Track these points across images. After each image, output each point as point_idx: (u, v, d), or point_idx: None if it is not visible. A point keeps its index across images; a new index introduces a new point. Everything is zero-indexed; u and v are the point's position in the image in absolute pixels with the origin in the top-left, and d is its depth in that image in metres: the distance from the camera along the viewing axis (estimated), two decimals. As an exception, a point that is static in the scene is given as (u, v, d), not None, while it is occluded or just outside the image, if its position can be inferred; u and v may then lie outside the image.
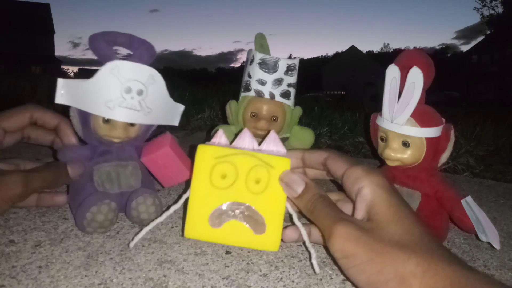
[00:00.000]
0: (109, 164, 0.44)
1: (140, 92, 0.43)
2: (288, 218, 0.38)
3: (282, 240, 0.38)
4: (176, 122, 0.50)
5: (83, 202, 0.40)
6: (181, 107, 0.49)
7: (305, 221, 0.43)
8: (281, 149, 0.38)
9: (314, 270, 0.35)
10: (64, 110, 0.45)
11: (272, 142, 0.38)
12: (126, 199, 0.44)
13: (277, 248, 0.36)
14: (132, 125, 0.44)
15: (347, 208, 0.36)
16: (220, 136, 0.38)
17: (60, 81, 0.42)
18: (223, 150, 0.37)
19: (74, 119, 0.44)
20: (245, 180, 0.36)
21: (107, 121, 0.43)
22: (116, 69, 0.41)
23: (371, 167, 0.34)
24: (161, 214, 0.37)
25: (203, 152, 0.37)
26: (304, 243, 0.36)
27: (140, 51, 0.44)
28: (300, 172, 0.39)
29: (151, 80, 0.43)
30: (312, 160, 0.38)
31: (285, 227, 0.37)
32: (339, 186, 0.36)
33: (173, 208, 0.37)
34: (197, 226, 0.36)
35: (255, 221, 0.36)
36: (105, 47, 0.42)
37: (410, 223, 0.29)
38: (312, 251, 0.35)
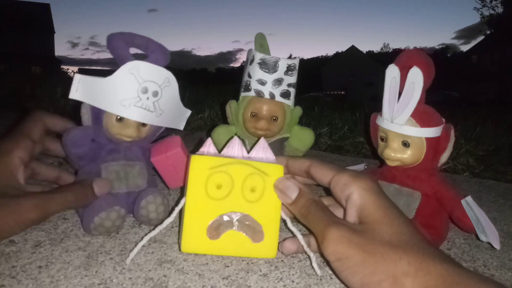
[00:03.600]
0: (117, 163, 0.45)
1: (155, 94, 0.43)
2: (283, 224, 0.38)
3: (281, 252, 0.38)
4: (181, 126, 0.50)
5: (93, 204, 0.40)
6: (187, 112, 0.50)
7: (300, 227, 0.43)
8: (270, 156, 0.38)
9: (316, 273, 0.35)
10: (75, 108, 0.45)
11: (262, 150, 0.38)
12: (132, 200, 0.44)
13: (275, 254, 0.37)
14: (144, 125, 0.45)
15: (338, 213, 0.36)
16: (209, 145, 0.38)
17: (77, 77, 0.42)
18: (217, 160, 0.36)
19: (85, 116, 0.44)
20: (241, 189, 0.36)
21: (120, 120, 0.43)
22: (135, 69, 0.42)
23: (357, 172, 0.34)
24: (154, 228, 0.37)
25: (197, 162, 0.36)
26: (303, 247, 0.36)
27: (156, 54, 0.44)
28: (289, 177, 0.40)
29: (167, 83, 0.44)
30: (296, 168, 0.38)
31: (283, 240, 0.38)
32: (327, 191, 0.36)
33: (166, 222, 0.36)
34: (195, 240, 0.36)
35: (253, 230, 0.36)
36: (122, 47, 0.43)
37: (400, 224, 0.30)
38: (312, 254, 0.35)
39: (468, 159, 0.86)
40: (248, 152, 0.38)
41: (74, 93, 0.42)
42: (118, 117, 0.43)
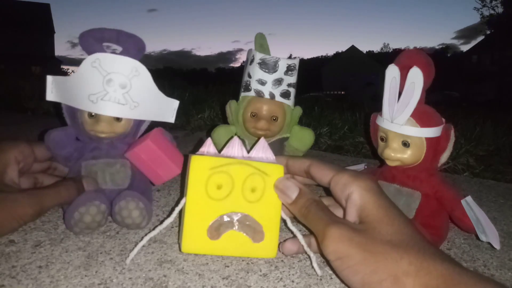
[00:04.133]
0: (96, 161, 0.44)
1: (123, 85, 0.42)
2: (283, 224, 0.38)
3: (282, 252, 0.38)
4: (171, 119, 0.48)
5: (75, 201, 0.40)
6: (175, 103, 0.47)
7: (300, 227, 0.43)
8: (270, 156, 0.38)
9: (316, 273, 0.35)
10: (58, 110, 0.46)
11: (262, 149, 0.38)
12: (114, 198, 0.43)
13: (275, 254, 0.37)
14: (118, 119, 0.44)
15: (337, 213, 0.36)
16: (209, 145, 0.38)
17: (49, 78, 0.42)
18: (217, 161, 0.36)
19: (66, 117, 0.45)
20: (241, 190, 0.36)
21: (92, 116, 0.43)
22: (97, 62, 0.41)
23: (357, 172, 0.34)
24: (154, 229, 0.37)
25: (198, 163, 0.36)
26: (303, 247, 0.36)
27: (127, 45, 0.43)
28: (290, 177, 0.40)
29: (135, 73, 0.42)
30: (295, 167, 0.38)
31: (284, 240, 0.38)
32: (327, 191, 0.36)
33: (166, 222, 0.36)
34: (196, 240, 0.36)
35: (254, 230, 0.36)
36: (93, 43, 0.42)
37: (401, 223, 0.30)
38: (312, 254, 0.35)
39: (468, 159, 0.86)
40: (248, 152, 0.38)
41: (50, 95, 0.43)
42: (92, 114, 0.43)
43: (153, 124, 0.49)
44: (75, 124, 0.44)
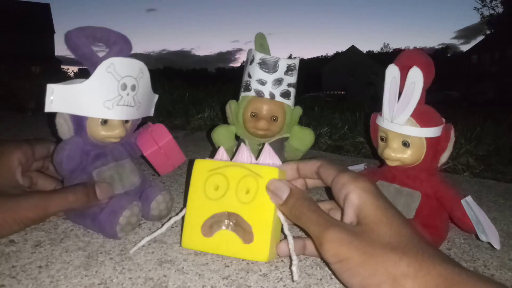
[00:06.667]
0: (108, 166, 0.44)
1: (133, 88, 0.42)
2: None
3: (277, 254, 0.37)
4: (152, 113, 0.49)
5: (110, 208, 0.40)
6: (156, 97, 0.49)
7: (298, 231, 0.43)
8: (277, 161, 0.39)
9: (292, 277, 0.33)
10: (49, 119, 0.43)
11: (268, 155, 0.39)
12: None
13: (266, 258, 0.35)
14: (126, 121, 0.44)
15: (339, 216, 0.36)
16: (222, 154, 0.40)
17: (50, 87, 0.38)
18: (216, 163, 0.39)
19: (64, 126, 0.41)
20: (235, 191, 0.37)
21: (104, 122, 0.42)
22: (112, 67, 0.40)
23: (358, 173, 0.34)
24: (162, 226, 0.39)
25: (199, 165, 0.39)
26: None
27: (120, 45, 0.42)
28: (301, 181, 0.39)
29: (141, 74, 0.43)
30: (307, 170, 0.38)
31: (280, 241, 0.38)
32: (331, 195, 0.36)
33: (173, 220, 0.39)
34: (193, 237, 0.38)
35: (243, 230, 0.36)
36: (85, 44, 0.40)
37: (399, 225, 0.30)
38: (294, 257, 0.34)
39: (468, 159, 0.86)
40: (256, 158, 0.39)
41: (50, 106, 0.39)
42: (103, 120, 0.41)
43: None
44: (80, 134, 0.42)
